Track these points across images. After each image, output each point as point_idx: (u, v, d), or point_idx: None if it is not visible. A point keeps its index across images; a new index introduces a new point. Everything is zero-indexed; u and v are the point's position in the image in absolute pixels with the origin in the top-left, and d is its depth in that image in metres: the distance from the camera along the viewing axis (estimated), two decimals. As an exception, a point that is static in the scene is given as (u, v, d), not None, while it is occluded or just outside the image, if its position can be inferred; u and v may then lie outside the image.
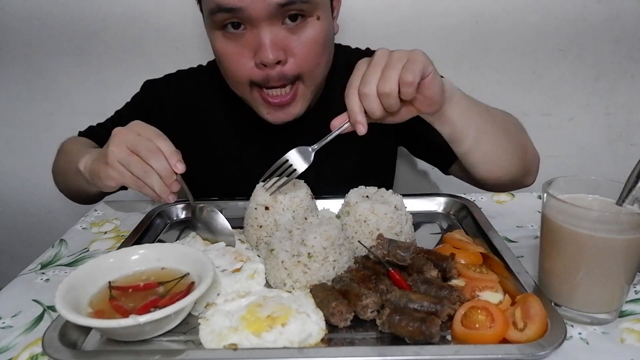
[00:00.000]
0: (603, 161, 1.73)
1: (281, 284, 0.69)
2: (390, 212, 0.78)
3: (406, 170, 1.72)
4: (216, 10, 0.86)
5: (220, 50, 0.93)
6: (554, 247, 0.63)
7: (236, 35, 0.89)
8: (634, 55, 1.58)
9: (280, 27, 0.88)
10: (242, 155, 1.16)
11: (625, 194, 0.61)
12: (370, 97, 0.75)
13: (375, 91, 0.74)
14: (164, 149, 0.80)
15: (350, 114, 0.77)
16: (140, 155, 0.79)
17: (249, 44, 0.89)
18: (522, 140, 1.01)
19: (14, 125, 1.71)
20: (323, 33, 0.93)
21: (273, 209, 0.81)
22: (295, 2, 0.85)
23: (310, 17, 0.90)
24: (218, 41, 0.92)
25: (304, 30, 0.90)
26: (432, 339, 0.56)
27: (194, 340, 0.60)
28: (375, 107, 0.75)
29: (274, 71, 0.90)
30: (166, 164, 0.79)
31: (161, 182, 0.80)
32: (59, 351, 0.56)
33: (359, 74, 0.77)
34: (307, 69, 0.94)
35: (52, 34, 1.56)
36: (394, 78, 0.73)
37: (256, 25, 0.87)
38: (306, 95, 0.98)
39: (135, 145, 0.80)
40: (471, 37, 1.54)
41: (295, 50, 0.90)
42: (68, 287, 0.61)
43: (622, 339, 0.60)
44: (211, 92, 1.15)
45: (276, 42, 0.88)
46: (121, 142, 0.81)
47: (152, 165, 0.79)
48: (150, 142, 0.80)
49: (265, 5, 0.84)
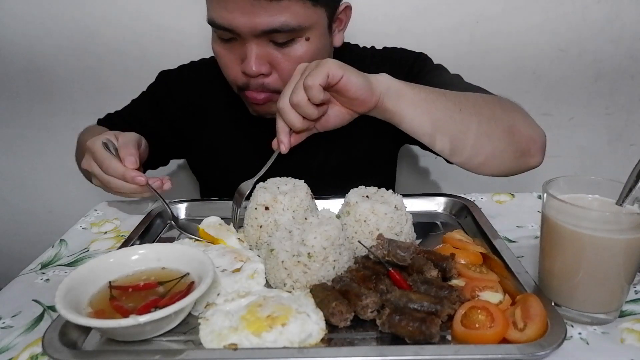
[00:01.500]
0: (603, 161, 1.74)
1: (281, 284, 0.69)
2: (390, 212, 0.78)
3: (406, 171, 1.72)
4: (211, 23, 0.92)
5: (215, 51, 0.99)
6: (554, 247, 0.63)
7: (228, 42, 0.94)
8: (634, 55, 1.58)
9: (267, 43, 0.91)
10: (249, 149, 1.17)
11: (625, 194, 0.61)
12: (285, 110, 0.78)
13: (288, 104, 0.77)
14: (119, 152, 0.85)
15: (277, 132, 0.81)
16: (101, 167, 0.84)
17: (237, 52, 0.94)
18: (506, 121, 0.90)
19: (14, 126, 1.71)
20: (310, 53, 0.94)
21: (273, 209, 0.81)
22: (280, 31, 0.88)
23: (299, 38, 0.92)
24: (215, 42, 0.98)
25: (291, 49, 0.93)
26: (432, 339, 0.56)
27: (194, 340, 0.60)
28: (293, 119, 0.78)
29: (256, 81, 0.95)
30: (118, 166, 0.83)
31: (123, 184, 0.84)
32: (59, 351, 0.56)
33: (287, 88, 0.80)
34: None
35: (52, 34, 1.56)
36: (299, 86, 0.76)
37: (245, 40, 0.90)
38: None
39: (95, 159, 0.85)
40: (471, 37, 1.54)
41: (279, 66, 0.94)
42: (68, 287, 0.61)
43: (622, 339, 0.60)
44: (224, 84, 1.15)
45: (261, 57, 0.92)
46: (88, 158, 0.87)
47: (110, 173, 0.83)
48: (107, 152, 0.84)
49: (250, 30, 0.88)
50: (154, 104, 1.18)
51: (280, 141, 0.81)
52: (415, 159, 1.74)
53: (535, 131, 0.95)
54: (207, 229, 0.86)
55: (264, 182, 0.88)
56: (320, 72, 0.74)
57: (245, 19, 0.86)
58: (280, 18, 0.87)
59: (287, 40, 0.91)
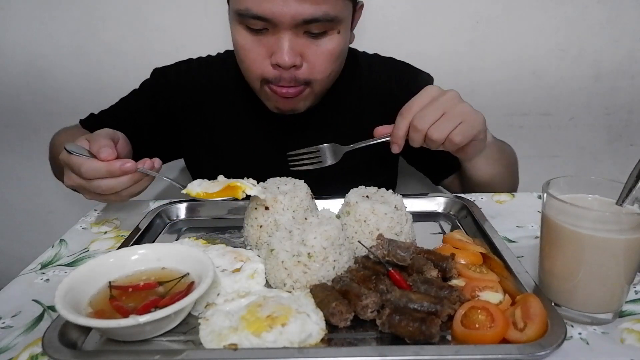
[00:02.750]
0: (603, 161, 1.74)
1: (281, 284, 0.69)
2: (390, 212, 0.78)
3: (406, 171, 1.72)
4: (244, 14, 0.90)
5: (240, 43, 0.95)
6: (554, 247, 0.63)
7: (257, 34, 0.92)
8: (634, 55, 1.58)
9: (301, 35, 0.91)
10: (249, 148, 1.17)
11: (625, 194, 0.61)
12: (418, 133, 0.84)
13: (425, 130, 0.83)
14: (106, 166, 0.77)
15: (395, 133, 0.87)
16: (81, 175, 0.78)
17: (268, 44, 0.92)
18: (515, 170, 1.18)
19: (14, 125, 1.71)
20: (340, 46, 0.97)
21: (273, 209, 0.81)
22: (320, 20, 0.89)
23: (332, 31, 0.93)
24: (239, 35, 0.95)
25: (324, 42, 0.94)
26: (432, 339, 0.56)
27: (194, 340, 0.60)
28: (417, 141, 0.85)
29: (287, 73, 0.94)
30: (98, 164, 0.77)
31: (113, 182, 0.78)
32: (59, 351, 0.56)
33: (421, 101, 0.85)
34: (318, 77, 0.98)
35: (53, 35, 1.56)
36: (446, 131, 0.83)
37: (279, 31, 0.90)
38: (310, 96, 1.02)
39: (73, 171, 0.80)
40: (471, 37, 1.54)
41: (311, 57, 0.94)
42: (68, 287, 0.61)
43: (622, 339, 0.60)
44: (223, 83, 1.17)
45: (294, 48, 0.91)
46: (67, 174, 0.82)
47: (92, 176, 0.78)
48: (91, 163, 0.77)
49: (291, 19, 0.87)
50: (149, 101, 1.16)
51: (397, 144, 0.87)
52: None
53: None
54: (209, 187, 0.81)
55: (263, 182, 0.88)
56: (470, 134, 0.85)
57: (289, 7, 0.86)
58: (323, 7, 0.88)
59: (321, 32, 0.92)
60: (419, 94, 0.86)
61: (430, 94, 0.85)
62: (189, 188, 0.81)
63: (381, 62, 1.22)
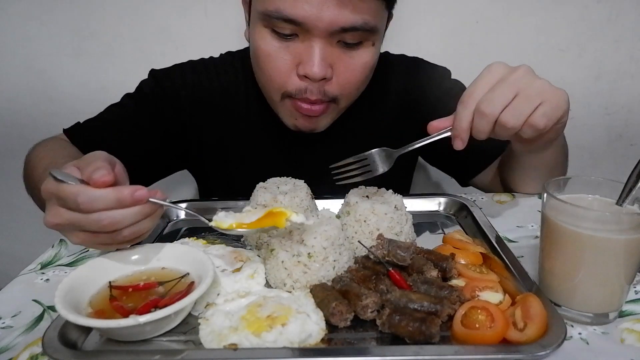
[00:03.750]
0: (603, 161, 1.73)
1: (281, 284, 0.69)
2: (390, 212, 0.78)
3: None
4: (273, 15, 0.80)
5: (263, 49, 0.86)
6: (554, 247, 0.63)
7: (285, 39, 0.83)
8: (634, 55, 1.58)
9: (334, 44, 0.83)
10: (261, 158, 1.10)
11: (625, 194, 0.61)
12: (486, 119, 0.67)
13: (496, 116, 0.67)
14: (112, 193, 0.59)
15: (457, 125, 0.70)
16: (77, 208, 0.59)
17: (296, 52, 0.84)
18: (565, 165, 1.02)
19: (14, 126, 1.71)
20: (373, 60, 0.89)
21: (273, 209, 0.81)
22: (358, 29, 0.81)
23: (367, 42, 0.86)
24: (264, 40, 0.85)
25: (358, 54, 0.86)
26: (432, 339, 0.56)
27: (194, 340, 0.60)
28: (485, 130, 0.69)
29: (315, 85, 0.85)
30: (103, 192, 0.59)
31: (121, 214, 0.59)
32: (59, 351, 0.56)
33: (486, 83, 0.69)
34: (347, 93, 0.91)
35: (52, 35, 1.56)
36: (524, 114, 0.67)
37: (310, 38, 0.81)
38: (333, 113, 0.95)
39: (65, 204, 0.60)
40: (471, 37, 1.54)
41: (342, 70, 0.86)
42: (68, 287, 0.61)
43: (622, 339, 0.59)
44: (232, 88, 1.08)
45: (326, 58, 0.83)
46: (53, 209, 0.61)
47: (96, 207, 0.59)
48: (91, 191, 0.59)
49: (328, 25, 0.79)
50: (151, 105, 1.06)
51: (460, 138, 0.70)
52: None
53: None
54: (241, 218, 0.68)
55: (263, 182, 0.87)
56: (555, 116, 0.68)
57: (327, 12, 0.77)
58: (364, 16, 0.80)
59: (356, 43, 0.84)
60: (482, 74, 0.71)
61: (497, 72, 0.69)
62: (216, 220, 0.68)
63: (401, 61, 1.13)
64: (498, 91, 0.67)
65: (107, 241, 0.63)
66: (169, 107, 1.06)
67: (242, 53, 1.11)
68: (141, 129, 1.04)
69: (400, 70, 1.11)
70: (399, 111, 1.08)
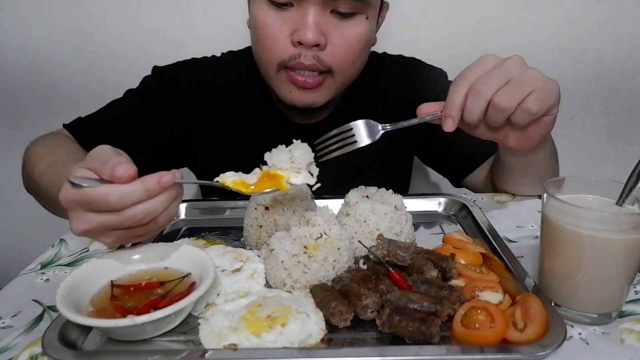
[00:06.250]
0: (603, 161, 1.74)
1: (281, 284, 0.69)
2: (390, 212, 0.78)
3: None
4: None
5: (260, 20, 0.90)
6: (554, 247, 0.63)
7: (280, 9, 0.88)
8: (634, 55, 1.58)
9: (328, 13, 0.87)
10: (262, 155, 1.09)
11: (625, 194, 0.61)
12: (480, 98, 0.68)
13: (490, 96, 0.67)
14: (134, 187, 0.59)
15: (448, 104, 0.70)
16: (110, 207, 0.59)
17: (291, 20, 0.88)
18: (556, 170, 1.03)
19: (14, 126, 1.71)
20: (366, 34, 0.92)
21: (273, 209, 0.81)
22: None
23: (360, 15, 0.90)
24: (260, 10, 0.89)
25: (351, 24, 0.90)
26: (432, 339, 0.56)
27: (194, 340, 0.60)
28: (478, 110, 0.68)
29: (309, 51, 0.88)
30: (131, 186, 0.58)
31: (153, 204, 0.60)
32: (59, 351, 0.56)
33: (479, 69, 0.69)
34: (342, 64, 0.93)
35: (53, 35, 1.56)
36: (517, 97, 0.67)
37: (304, 6, 0.86)
38: (330, 89, 0.97)
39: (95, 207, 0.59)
40: (471, 37, 1.54)
41: (336, 40, 0.89)
42: (71, 285, 0.61)
43: (622, 339, 0.59)
44: (237, 85, 1.11)
45: (319, 25, 0.86)
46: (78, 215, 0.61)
47: (129, 201, 0.59)
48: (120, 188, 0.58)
49: None
50: (155, 100, 1.06)
51: (451, 116, 0.70)
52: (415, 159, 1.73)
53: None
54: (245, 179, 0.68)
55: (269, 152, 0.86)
56: (547, 104, 0.69)
57: None
58: None
59: (349, 13, 0.88)
60: (475, 62, 0.71)
61: (490, 62, 0.70)
62: (222, 176, 0.68)
63: (403, 63, 1.16)
64: (494, 73, 0.68)
65: (144, 232, 0.63)
66: (172, 104, 1.07)
67: (243, 52, 1.14)
68: (144, 124, 1.04)
69: (397, 70, 1.14)
70: (396, 110, 1.08)
